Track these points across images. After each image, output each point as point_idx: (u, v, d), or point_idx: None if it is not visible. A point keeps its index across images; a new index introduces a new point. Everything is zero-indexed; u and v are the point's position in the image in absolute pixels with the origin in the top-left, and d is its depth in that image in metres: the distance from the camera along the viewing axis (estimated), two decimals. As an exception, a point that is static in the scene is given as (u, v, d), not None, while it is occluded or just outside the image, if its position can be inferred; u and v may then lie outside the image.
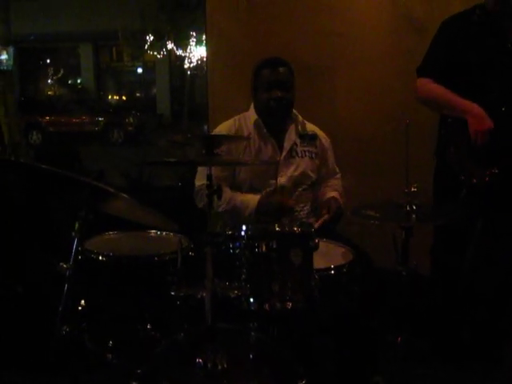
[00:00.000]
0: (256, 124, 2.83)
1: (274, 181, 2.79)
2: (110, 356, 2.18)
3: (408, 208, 2.26)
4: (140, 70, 25.08)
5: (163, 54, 20.62)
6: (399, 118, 3.35)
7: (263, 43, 3.76)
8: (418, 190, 2.28)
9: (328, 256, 2.26)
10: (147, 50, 20.39)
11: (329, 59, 3.83)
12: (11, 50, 9.31)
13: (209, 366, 1.62)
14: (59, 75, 23.85)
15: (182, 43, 19.85)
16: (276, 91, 2.72)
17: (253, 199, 2.69)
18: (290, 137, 2.86)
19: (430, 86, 2.88)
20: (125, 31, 19.55)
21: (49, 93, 23.83)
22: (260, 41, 3.80)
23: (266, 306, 1.84)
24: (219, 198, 1.74)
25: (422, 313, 2.92)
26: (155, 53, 20.52)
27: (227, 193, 2.71)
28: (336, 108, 3.83)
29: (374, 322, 2.52)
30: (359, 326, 2.40)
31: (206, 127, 4.26)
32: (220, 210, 2.68)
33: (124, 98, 24.66)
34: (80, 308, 2.21)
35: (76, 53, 24.10)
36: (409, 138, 2.31)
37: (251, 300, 1.84)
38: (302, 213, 2.85)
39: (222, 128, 2.89)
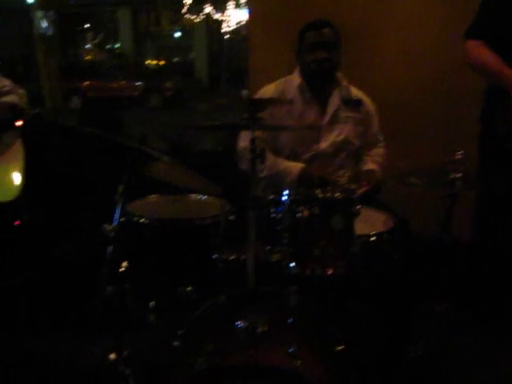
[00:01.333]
0: (300, 87, 2.80)
1: (315, 145, 2.77)
2: (152, 317, 2.22)
3: (452, 176, 2.22)
4: (178, 35, 25.02)
5: (201, 18, 20.50)
6: (441, 82, 3.29)
7: (304, 7, 3.70)
8: (462, 156, 2.23)
9: (369, 222, 2.24)
10: (185, 14, 20.29)
11: (371, 23, 3.76)
12: (52, 15, 9.37)
13: (249, 328, 1.64)
14: (98, 40, 23.96)
15: (220, 7, 19.69)
16: (320, 52, 2.69)
17: (295, 167, 2.68)
18: (334, 101, 2.82)
19: (479, 51, 2.78)
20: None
21: (88, 57, 24.00)
22: (300, 4, 3.74)
23: (307, 270, 1.85)
24: (262, 162, 1.74)
25: (464, 281, 2.89)
26: (193, 17, 20.42)
27: (270, 158, 2.70)
28: (377, 72, 3.75)
29: (413, 289, 2.52)
30: (399, 293, 2.40)
31: (245, 91, 4.23)
32: (262, 175, 2.68)
33: (162, 62, 24.68)
34: (123, 269, 2.25)
35: (115, 17, 24.15)
36: (450, 104, 2.25)
37: (292, 264, 1.85)
38: (342, 179, 2.82)
39: (266, 91, 2.87)
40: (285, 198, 1.87)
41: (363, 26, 3.74)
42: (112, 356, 2.17)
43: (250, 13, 4.10)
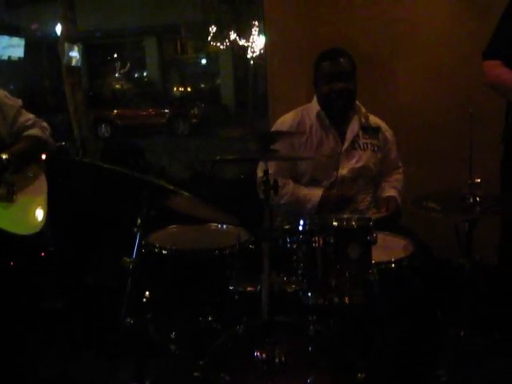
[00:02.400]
0: (318, 116, 2.83)
1: (335, 172, 2.79)
2: (173, 347, 2.24)
3: (471, 200, 2.19)
4: (204, 62, 25.34)
5: (226, 45, 20.74)
6: (462, 104, 3.27)
7: (321, 34, 3.73)
8: (481, 181, 2.21)
9: (389, 249, 2.25)
10: (210, 41, 20.56)
11: (389, 47, 3.77)
12: (79, 47, 9.58)
13: (267, 358, 1.64)
14: (126, 69, 24.39)
15: (245, 33, 19.89)
16: (337, 83, 2.71)
17: (315, 193, 2.71)
18: (353, 128, 2.84)
19: (498, 70, 2.78)
20: (187, 24, 19.79)
21: (116, 87, 24.43)
22: (318, 32, 3.76)
23: (324, 300, 1.84)
24: (275, 192, 1.75)
25: (487, 307, 2.84)
26: (218, 44, 20.66)
27: (290, 185, 2.74)
28: (397, 96, 3.76)
29: (436, 316, 2.49)
30: (422, 319, 2.38)
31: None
32: (283, 201, 2.71)
33: (189, 89, 24.99)
34: (145, 300, 2.27)
35: (141, 47, 24.59)
36: (472, 127, 2.24)
37: (309, 294, 1.85)
38: (362, 204, 2.83)
39: (285, 120, 2.90)
40: (300, 227, 1.88)
41: (382, 50, 3.76)
42: (135, 385, 2.20)
43: (266, 41, 4.15)
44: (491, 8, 3.16)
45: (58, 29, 10.55)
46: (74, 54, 9.33)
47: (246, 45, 20.17)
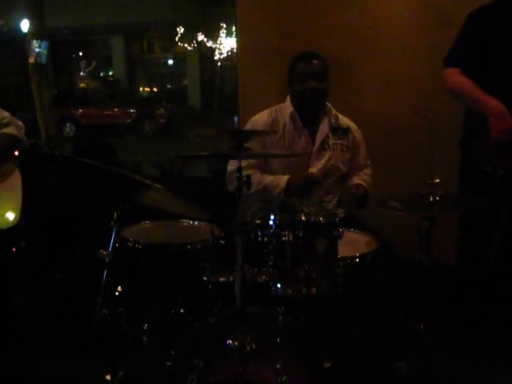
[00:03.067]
0: (292, 116, 2.91)
1: (305, 171, 2.88)
2: (145, 339, 2.30)
3: (431, 199, 2.31)
4: (171, 62, 25.25)
5: (194, 46, 20.72)
6: (425, 110, 3.39)
7: (292, 37, 3.81)
8: (440, 181, 2.33)
9: (353, 245, 2.35)
10: (178, 41, 20.51)
11: (357, 53, 3.87)
12: (45, 43, 9.47)
13: (238, 346, 1.72)
14: (91, 68, 24.14)
15: (213, 35, 19.91)
16: (311, 82, 2.81)
17: (282, 179, 2.78)
18: (323, 129, 2.94)
19: (456, 78, 2.90)
20: (156, 23, 19.70)
21: (81, 85, 24.15)
22: (288, 35, 3.85)
23: (292, 290, 1.94)
24: (248, 188, 1.84)
25: (445, 302, 2.97)
26: (186, 45, 20.63)
27: (257, 174, 2.80)
28: (363, 101, 3.87)
29: (397, 310, 2.60)
30: (383, 312, 2.49)
31: (236, 119, 4.34)
32: (251, 191, 2.76)
33: (155, 89, 24.86)
34: (117, 293, 2.33)
35: (108, 45, 24.37)
36: (432, 131, 2.35)
37: (278, 285, 1.94)
38: (330, 204, 2.93)
39: (259, 118, 2.98)
40: (271, 221, 1.97)
41: (349, 56, 3.86)
42: (107, 377, 2.25)
43: (238, 42, 4.21)
44: (454, 18, 3.28)
45: (25, 25, 10.44)
46: (42, 50, 9.22)
47: (213, 46, 20.19)
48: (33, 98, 8.99)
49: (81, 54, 24.75)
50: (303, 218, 1.96)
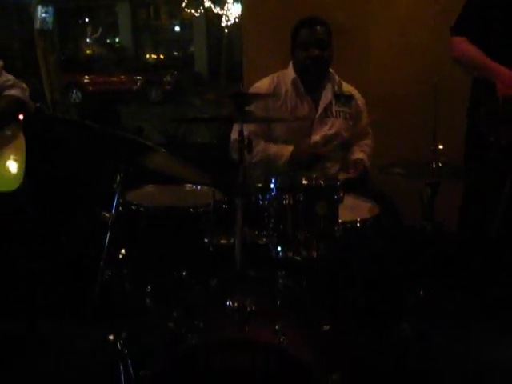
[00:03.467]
0: (293, 82, 2.90)
1: (308, 138, 2.88)
2: (148, 300, 2.34)
3: (434, 165, 2.31)
4: (177, 28, 25.04)
5: (200, 12, 20.53)
6: (432, 77, 3.37)
7: (296, 4, 3.77)
8: (444, 147, 2.33)
9: (355, 210, 2.36)
10: (184, 7, 20.32)
11: (362, 19, 3.85)
12: (51, 9, 9.41)
13: (238, 307, 1.74)
14: (97, 34, 23.99)
15: (220, 1, 19.72)
16: (313, 50, 2.78)
17: (286, 149, 2.80)
18: (326, 96, 2.93)
19: (463, 46, 2.89)
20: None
21: (87, 52, 24.03)
22: (293, 1, 3.82)
23: (292, 253, 1.96)
24: (249, 152, 1.85)
25: (448, 268, 2.99)
26: (192, 11, 20.45)
27: (261, 144, 2.82)
28: (369, 68, 3.85)
29: (400, 273, 2.62)
30: (386, 276, 2.51)
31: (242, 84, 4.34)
32: (254, 160, 2.78)
33: (162, 56, 24.71)
34: (121, 256, 2.35)
35: (114, 11, 24.17)
36: (437, 98, 2.34)
37: (278, 248, 1.96)
38: (332, 169, 2.94)
39: (261, 85, 2.97)
40: (272, 185, 1.98)
41: (355, 24, 3.82)
42: (111, 337, 2.28)
43: (243, 8, 4.19)
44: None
45: (31, -10, 10.35)
46: (47, 16, 9.16)
47: (220, 13, 20.00)
48: (38, 64, 8.96)
49: (87, 20, 24.56)
50: (304, 181, 1.97)
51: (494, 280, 3.10)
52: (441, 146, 2.33)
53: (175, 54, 24.99)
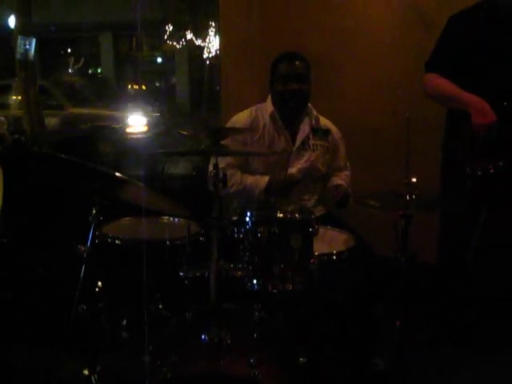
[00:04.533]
0: (272, 116, 2.93)
1: (284, 171, 2.90)
2: (124, 334, 2.32)
3: (408, 197, 2.34)
4: (159, 60, 25.20)
5: (182, 44, 20.69)
6: (406, 111, 3.44)
7: (275, 38, 3.84)
8: (417, 179, 2.37)
9: (331, 242, 2.39)
10: (166, 39, 20.47)
11: (339, 54, 3.91)
12: (33, 40, 9.41)
13: (213, 340, 1.74)
14: (80, 65, 24.02)
15: (201, 33, 19.89)
16: (292, 84, 2.82)
17: (262, 179, 2.81)
18: (304, 129, 2.96)
19: (437, 81, 2.95)
20: (144, 21, 19.63)
21: (69, 82, 24.00)
22: (272, 35, 3.88)
23: (268, 286, 1.96)
24: (224, 185, 1.86)
25: (423, 299, 3.02)
26: (174, 43, 20.60)
27: (238, 174, 2.84)
28: (345, 101, 3.89)
29: (374, 307, 2.63)
30: (360, 310, 2.52)
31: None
32: (231, 190, 2.80)
33: (143, 87, 24.79)
34: (97, 289, 2.34)
35: (96, 42, 24.28)
36: (410, 131, 2.39)
37: (254, 281, 1.97)
38: (309, 202, 2.96)
39: (239, 118, 2.99)
40: (247, 218, 2.00)
41: (331, 56, 3.89)
42: (85, 372, 2.26)
43: (221, 39, 4.23)
44: (436, 21, 3.34)
45: (12, 21, 10.38)
46: (28, 47, 9.15)
47: (202, 45, 20.16)
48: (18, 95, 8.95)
49: (69, 50, 24.62)
50: (279, 214, 1.98)
51: (468, 307, 3.13)
52: (414, 179, 2.36)
53: (157, 85, 25.11)
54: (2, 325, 2.90)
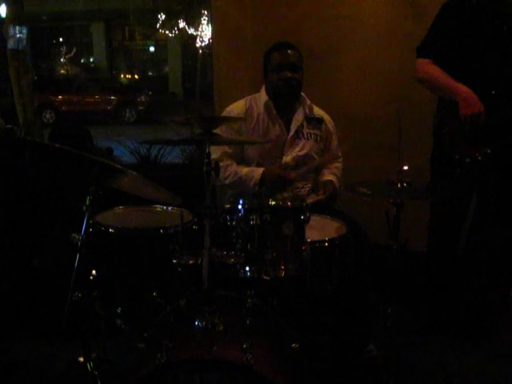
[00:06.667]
0: (266, 105, 2.97)
1: (279, 159, 2.94)
2: (119, 321, 2.34)
3: (399, 185, 2.37)
4: (152, 49, 25.10)
5: (175, 33, 20.61)
6: (396, 100, 3.46)
7: (267, 27, 3.86)
8: (408, 169, 2.39)
9: (323, 230, 2.40)
10: (159, 28, 20.39)
11: (332, 42, 3.94)
12: (25, 29, 9.35)
13: (206, 327, 1.76)
14: (72, 54, 23.90)
15: (194, 22, 19.83)
16: (286, 72, 2.86)
17: (257, 171, 2.84)
18: (298, 118, 3.00)
19: (427, 67, 2.98)
20: (137, 10, 19.55)
21: (62, 72, 23.91)
22: (264, 25, 3.90)
23: (260, 273, 1.99)
24: (217, 174, 1.88)
25: (413, 286, 3.05)
26: (167, 32, 20.52)
27: (233, 166, 2.88)
28: (338, 90, 3.93)
29: (366, 293, 2.66)
30: (353, 296, 2.56)
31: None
32: (227, 182, 2.86)
33: (136, 76, 24.71)
34: (91, 277, 2.36)
35: (88, 31, 24.14)
36: (401, 120, 2.42)
37: (246, 268, 1.99)
38: (302, 190, 2.99)
39: (234, 107, 3.03)
40: (239, 206, 2.02)
41: (324, 46, 3.92)
42: (81, 359, 2.29)
43: (213, 29, 4.22)
44: (428, 10, 3.35)
45: (3, 10, 10.30)
46: (20, 36, 9.09)
47: (194, 34, 20.10)
48: (11, 84, 8.89)
49: (61, 40, 24.48)
50: (271, 202, 2.01)
51: (463, 295, 3.17)
52: (406, 167, 2.38)
53: (150, 74, 25.03)
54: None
